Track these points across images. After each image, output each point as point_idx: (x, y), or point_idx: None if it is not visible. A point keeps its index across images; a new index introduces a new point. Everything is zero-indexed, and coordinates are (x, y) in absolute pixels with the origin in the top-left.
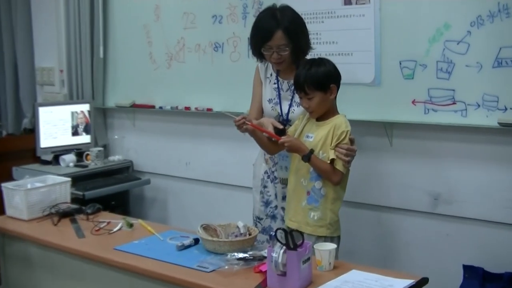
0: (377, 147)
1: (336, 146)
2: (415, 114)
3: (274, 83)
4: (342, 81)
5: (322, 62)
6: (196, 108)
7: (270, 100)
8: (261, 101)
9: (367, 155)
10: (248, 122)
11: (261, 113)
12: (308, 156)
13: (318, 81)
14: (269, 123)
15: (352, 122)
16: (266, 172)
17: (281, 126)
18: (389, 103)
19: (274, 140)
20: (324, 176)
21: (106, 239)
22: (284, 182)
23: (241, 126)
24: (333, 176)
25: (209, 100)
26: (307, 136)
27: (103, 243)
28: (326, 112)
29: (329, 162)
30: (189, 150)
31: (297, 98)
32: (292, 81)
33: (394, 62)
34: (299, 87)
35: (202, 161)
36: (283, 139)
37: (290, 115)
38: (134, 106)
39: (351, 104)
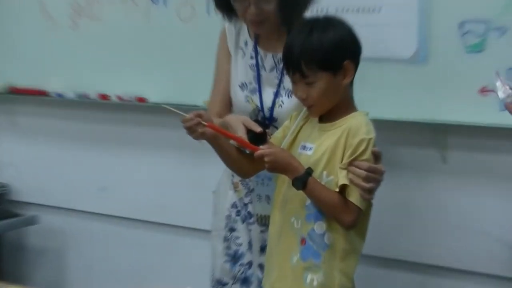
0: (421, 166)
1: (351, 164)
2: (484, 111)
3: (251, 58)
4: (363, 56)
5: (330, 23)
6: (118, 97)
7: (243, 86)
8: (229, 87)
9: (404, 179)
10: (205, 123)
11: (228, 106)
12: (303, 180)
13: (323, 55)
14: (239, 124)
15: (379, 124)
16: (234, 206)
17: (259, 129)
18: (440, 93)
19: (248, 152)
20: (330, 214)
21: None
22: (264, 221)
23: (193, 129)
24: (344, 213)
25: (140, 84)
26: (304, 147)
27: None
28: (335, 108)
29: (338, 190)
30: (106, 167)
31: (288, 82)
32: (280, 55)
33: (450, 23)
34: (292, 65)
35: (127, 186)
36: (262, 150)
37: (276, 110)
38: (12, 91)
39: (378, 94)
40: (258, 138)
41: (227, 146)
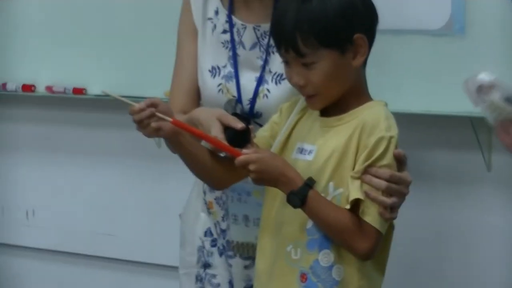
0: (459, 174)
1: (367, 171)
2: None
3: (224, 32)
4: (381, 27)
5: None
6: (48, 88)
7: (214, 70)
8: (195, 73)
9: (437, 192)
10: (161, 115)
11: (195, 99)
12: (301, 195)
13: (326, 27)
14: (213, 120)
15: (402, 119)
16: (208, 233)
17: (240, 125)
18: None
19: (225, 157)
20: (339, 239)
21: None
22: (246, 252)
23: (144, 123)
24: (358, 238)
25: (77, 71)
26: (301, 151)
27: None
28: (343, 97)
29: (349, 206)
30: (33, 183)
31: (276, 63)
32: (264, 27)
33: None
34: (284, 40)
35: (63, 209)
36: (245, 155)
37: (259, 102)
38: None
39: (400, 79)
40: (239, 138)
41: (192, 147)
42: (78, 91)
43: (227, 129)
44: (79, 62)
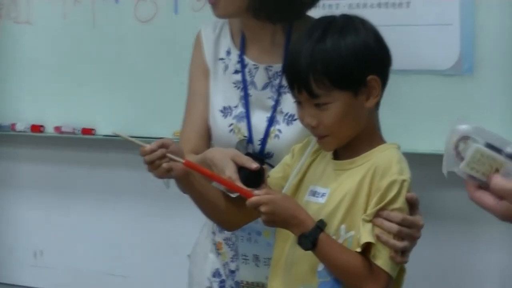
0: (470, 215)
1: (378, 214)
2: None
3: (236, 72)
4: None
5: (349, 25)
6: (57, 129)
7: (225, 110)
8: (206, 113)
9: (449, 231)
10: (173, 156)
11: (206, 140)
12: (312, 237)
13: (340, 68)
14: (227, 161)
15: (413, 160)
16: (217, 274)
17: (255, 165)
18: (492, 115)
19: (237, 197)
20: (349, 283)
21: None
22: None
23: (156, 164)
24: (368, 282)
25: (86, 111)
26: (314, 193)
27: None
28: (355, 139)
29: (360, 250)
30: (41, 224)
31: (287, 103)
32: (276, 67)
33: (506, 19)
34: (298, 80)
35: (71, 250)
36: (257, 196)
37: (270, 142)
38: None
39: (410, 120)
40: (253, 178)
41: (203, 187)
42: (87, 131)
43: (241, 169)
44: (88, 102)
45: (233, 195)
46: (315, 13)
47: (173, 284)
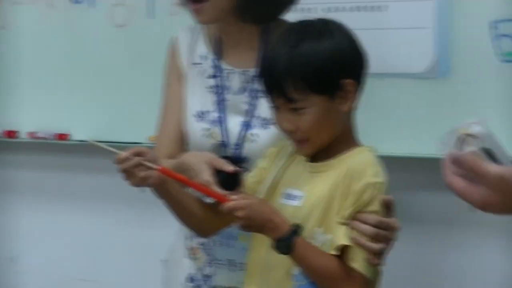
0: (448, 215)
1: (354, 217)
2: None
3: (211, 77)
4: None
5: (326, 29)
6: (30, 134)
7: (200, 115)
8: (181, 117)
9: (425, 234)
10: (149, 164)
11: (181, 145)
12: (288, 241)
13: (317, 72)
14: (203, 165)
15: (387, 161)
16: (191, 279)
17: (231, 168)
18: (467, 118)
19: (213, 203)
20: (326, 285)
21: None
22: None
23: (131, 172)
24: (345, 284)
25: (60, 116)
26: (288, 196)
27: None
28: (332, 142)
29: (335, 252)
30: (15, 229)
31: (263, 108)
32: (251, 71)
33: (481, 23)
34: (274, 85)
35: (46, 255)
36: (233, 201)
37: (246, 146)
38: None
39: (384, 123)
40: (230, 181)
41: (179, 194)
42: (61, 136)
43: (218, 173)
44: (62, 107)
45: (209, 201)
46: (292, 16)
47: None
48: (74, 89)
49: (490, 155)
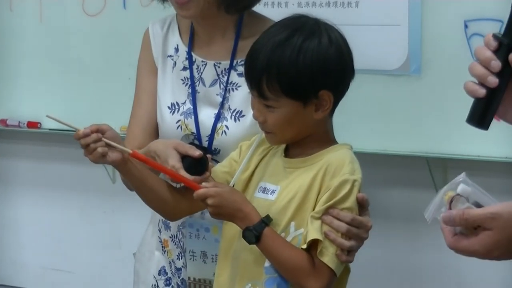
0: (415, 212)
1: (327, 212)
2: (498, 141)
3: (184, 69)
4: None
5: (315, 34)
6: (2, 122)
7: (173, 107)
8: (153, 111)
9: (392, 230)
10: (111, 143)
11: (152, 137)
12: (257, 231)
13: (292, 79)
14: (170, 150)
15: (359, 158)
16: (163, 272)
17: (197, 153)
18: (438, 116)
19: (181, 188)
20: (291, 278)
21: None
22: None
23: (91, 148)
24: (310, 278)
25: (31, 104)
26: (264, 190)
27: None
28: (307, 140)
29: (305, 246)
30: None
31: (235, 100)
32: (225, 63)
33: (453, 22)
34: (252, 78)
35: (14, 243)
36: (204, 188)
37: (217, 138)
38: None
39: (356, 120)
40: (197, 166)
41: (143, 176)
42: (32, 124)
43: (185, 158)
44: (34, 96)
45: (177, 185)
46: (265, 11)
47: (117, 280)
48: (46, 78)
49: (480, 206)
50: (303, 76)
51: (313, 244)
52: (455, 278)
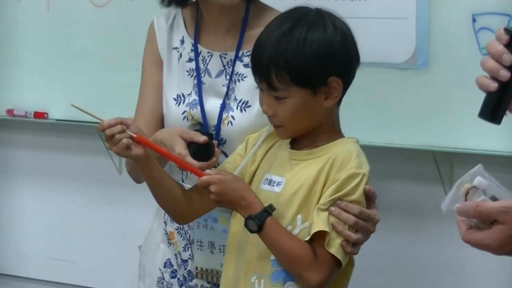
0: (421, 206)
1: (336, 204)
2: (506, 138)
3: (189, 60)
4: None
5: (319, 22)
6: (9, 112)
7: (179, 98)
8: (159, 103)
9: (398, 224)
10: (132, 133)
11: (157, 127)
12: (259, 220)
13: (301, 66)
14: (175, 138)
15: (365, 151)
16: (168, 264)
17: (203, 138)
18: (446, 110)
19: (192, 189)
20: (291, 268)
21: None
22: (210, 279)
23: (116, 139)
24: (311, 269)
25: (39, 95)
26: (269, 182)
27: None
28: (314, 132)
29: (308, 237)
30: None
31: (241, 91)
32: (230, 54)
33: (461, 15)
34: (260, 70)
35: (20, 233)
36: (208, 175)
37: (224, 129)
38: None
39: (361, 113)
40: (203, 152)
41: (161, 175)
42: (39, 115)
43: (191, 144)
44: (41, 86)
45: (188, 186)
46: (272, 2)
47: (122, 271)
48: (54, 69)
49: (496, 200)
50: (311, 64)
51: (317, 236)
52: (460, 272)
